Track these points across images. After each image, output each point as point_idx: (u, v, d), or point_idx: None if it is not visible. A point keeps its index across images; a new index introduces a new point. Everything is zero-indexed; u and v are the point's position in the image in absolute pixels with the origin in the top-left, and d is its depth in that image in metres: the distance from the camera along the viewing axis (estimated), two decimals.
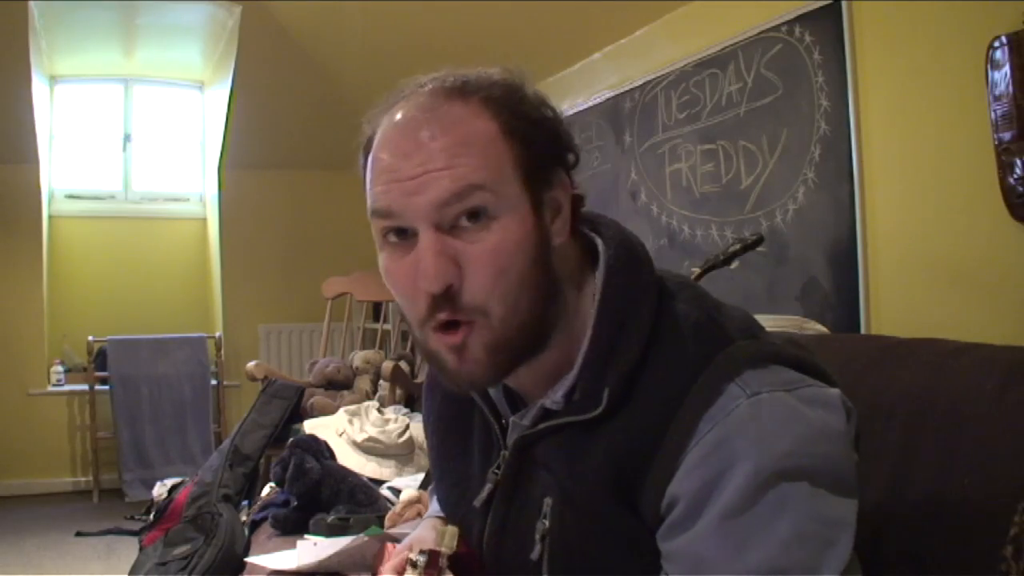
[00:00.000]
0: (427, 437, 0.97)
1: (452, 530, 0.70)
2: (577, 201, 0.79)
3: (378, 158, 0.75)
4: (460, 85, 0.75)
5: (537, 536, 0.76)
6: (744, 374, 0.69)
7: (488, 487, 0.82)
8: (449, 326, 0.72)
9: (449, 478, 0.90)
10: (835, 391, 0.72)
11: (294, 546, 1.64)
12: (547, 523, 0.75)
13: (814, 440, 0.67)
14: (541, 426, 0.77)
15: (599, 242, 0.80)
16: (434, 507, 1.03)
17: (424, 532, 0.91)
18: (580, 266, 0.79)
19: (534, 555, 0.76)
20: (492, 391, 0.84)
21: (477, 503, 0.82)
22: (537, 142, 0.75)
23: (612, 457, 0.71)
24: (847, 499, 0.67)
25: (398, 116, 0.75)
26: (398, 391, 2.97)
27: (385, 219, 0.75)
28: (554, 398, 0.77)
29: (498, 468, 0.81)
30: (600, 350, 0.74)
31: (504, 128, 0.73)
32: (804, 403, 0.69)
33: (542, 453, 0.78)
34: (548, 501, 0.76)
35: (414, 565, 0.72)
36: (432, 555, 0.70)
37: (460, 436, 0.89)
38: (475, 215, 0.71)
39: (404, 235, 0.74)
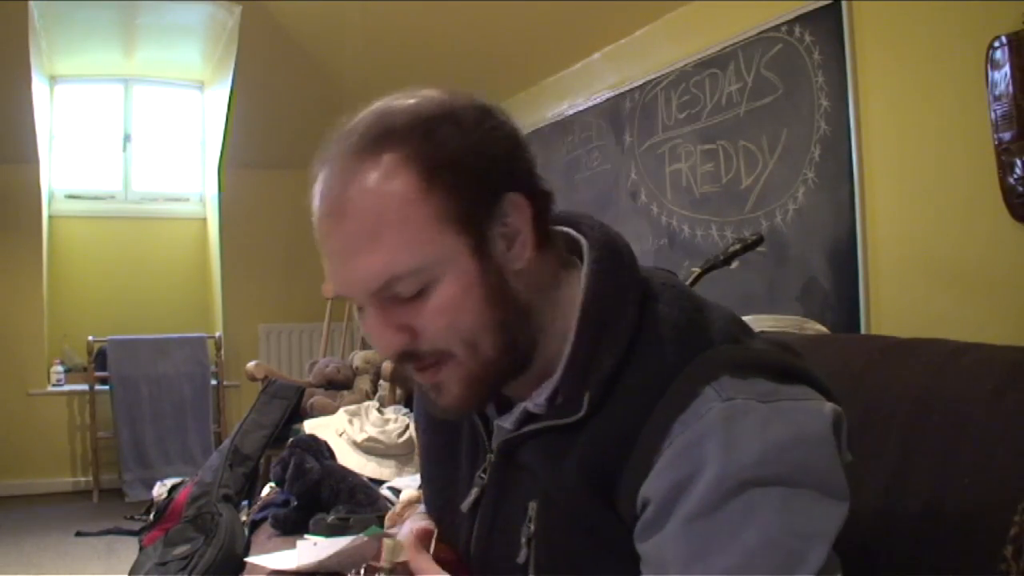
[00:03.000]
0: (418, 437, 0.97)
1: (392, 543, 0.70)
2: (542, 203, 0.75)
3: (316, 237, 0.75)
4: (372, 140, 0.70)
5: (523, 539, 0.75)
6: (721, 379, 0.68)
7: (475, 491, 0.81)
8: (420, 369, 0.73)
9: (436, 482, 0.90)
10: (815, 403, 0.70)
11: (294, 546, 1.64)
12: (532, 527, 0.75)
13: (788, 447, 0.65)
14: (524, 429, 0.77)
15: (584, 242, 0.78)
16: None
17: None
18: (558, 270, 0.77)
19: (520, 558, 0.75)
20: None
21: (464, 507, 0.82)
22: (466, 182, 0.70)
23: (589, 460, 0.71)
24: (827, 507, 0.66)
25: (318, 183, 0.73)
26: (398, 391, 2.97)
27: (346, 298, 0.77)
28: (537, 401, 0.76)
29: (484, 472, 0.81)
30: (581, 355, 0.73)
31: (423, 183, 0.69)
32: (778, 413, 0.67)
33: (526, 456, 0.77)
34: (533, 505, 0.75)
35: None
36: (368, 570, 0.69)
37: (448, 440, 0.88)
38: (415, 294, 0.70)
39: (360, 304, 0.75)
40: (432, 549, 0.78)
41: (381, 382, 3.06)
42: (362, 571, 0.73)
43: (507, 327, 0.73)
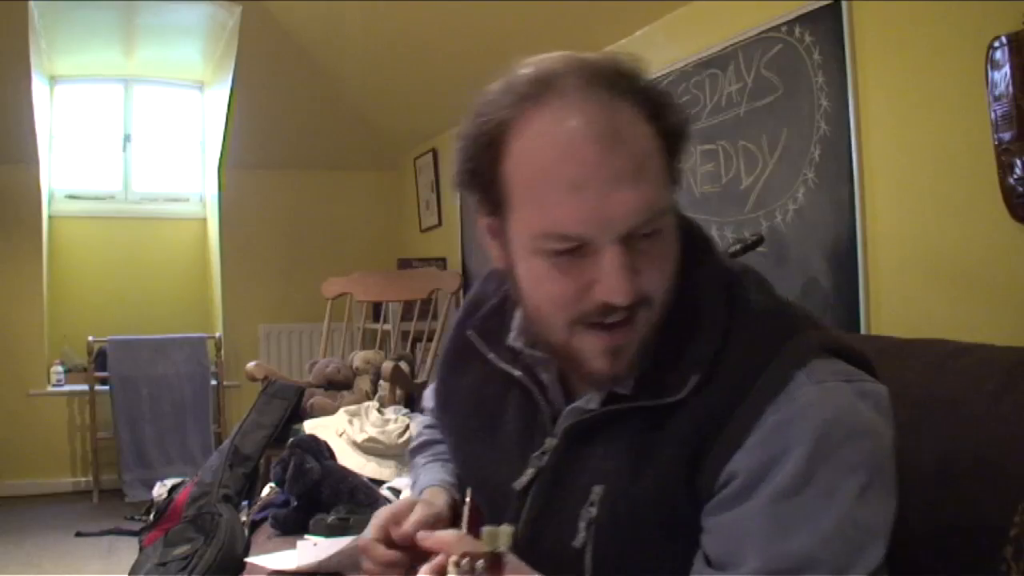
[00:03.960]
0: (446, 414, 0.96)
1: (508, 530, 0.68)
2: None
3: (549, 168, 0.70)
4: (615, 79, 0.72)
5: (582, 523, 0.76)
6: (811, 363, 0.72)
7: (530, 472, 0.81)
8: (614, 326, 0.73)
9: (470, 461, 0.90)
10: (882, 386, 0.74)
11: (294, 546, 1.64)
12: (594, 511, 0.75)
13: (868, 434, 0.70)
14: (609, 408, 0.77)
15: None
16: (432, 476, 1.00)
17: (439, 505, 0.90)
18: None
19: (577, 542, 0.76)
20: (546, 376, 0.84)
21: (517, 487, 0.82)
22: (676, 141, 0.75)
23: (687, 440, 0.73)
24: (889, 503, 0.70)
25: (562, 115, 0.70)
26: (398, 391, 2.97)
27: (564, 241, 0.71)
28: (626, 382, 0.77)
29: (543, 454, 0.81)
30: (680, 336, 0.75)
31: (659, 132, 0.73)
32: (860, 397, 0.71)
33: (600, 440, 0.78)
34: (597, 489, 0.76)
35: (471, 568, 0.68)
36: (495, 557, 0.65)
37: (489, 421, 0.88)
38: (653, 233, 0.72)
39: (574, 248, 0.71)
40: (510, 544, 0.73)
41: (381, 382, 3.06)
42: (481, 563, 0.68)
43: (672, 289, 0.76)
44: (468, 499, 0.89)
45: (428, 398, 1.11)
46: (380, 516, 0.84)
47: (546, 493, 0.80)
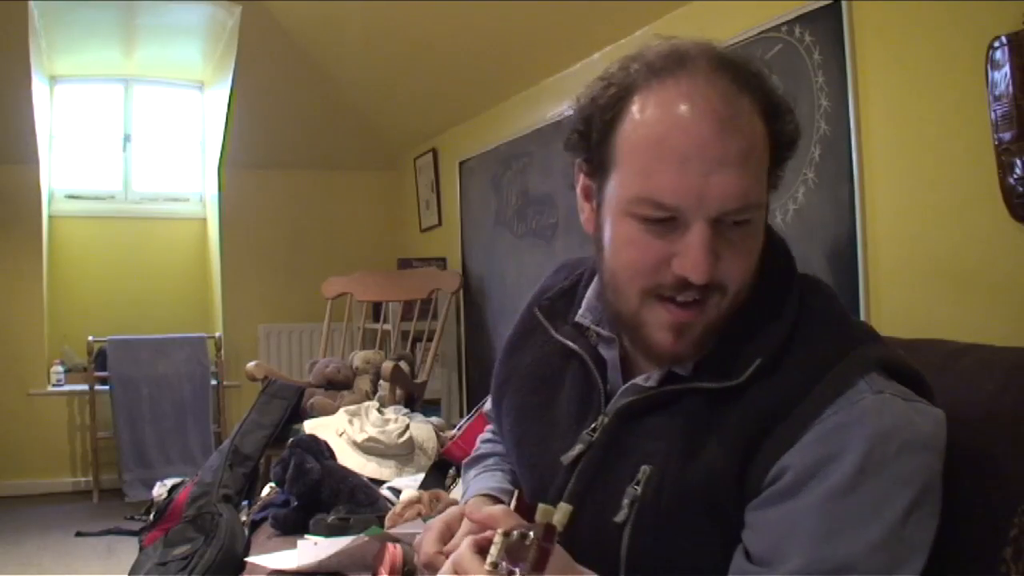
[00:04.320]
0: (504, 396, 0.97)
1: (567, 508, 0.65)
2: None
3: (663, 137, 0.72)
4: (743, 72, 0.74)
5: (626, 500, 0.77)
6: (872, 375, 0.73)
7: (579, 447, 0.82)
8: (685, 304, 0.74)
9: (532, 438, 0.91)
10: (941, 413, 0.75)
11: (294, 546, 1.64)
12: (639, 489, 0.76)
13: (922, 449, 0.71)
14: (667, 387, 0.78)
15: None
16: (481, 484, 1.01)
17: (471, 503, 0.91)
18: None
19: (619, 518, 0.77)
20: (608, 354, 0.85)
21: (565, 460, 0.83)
22: (785, 149, 0.77)
23: (743, 428, 0.73)
24: (932, 522, 0.70)
25: (688, 92, 0.72)
26: (398, 391, 2.97)
27: (657, 209, 0.73)
28: (686, 364, 0.78)
29: (593, 431, 0.82)
30: (748, 325, 0.77)
31: (769, 133, 0.75)
32: (919, 414, 0.72)
33: (653, 421, 0.79)
34: (645, 469, 0.77)
35: (522, 537, 0.64)
36: (548, 529, 0.62)
37: (547, 397, 0.90)
38: (743, 223, 0.73)
39: (665, 219, 0.73)
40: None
41: (381, 382, 3.06)
42: (533, 532, 0.64)
43: (749, 285, 0.77)
44: (516, 495, 0.90)
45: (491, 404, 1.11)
46: (434, 529, 0.86)
47: (594, 468, 0.81)
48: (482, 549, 0.71)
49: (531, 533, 0.63)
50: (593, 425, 0.83)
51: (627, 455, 0.79)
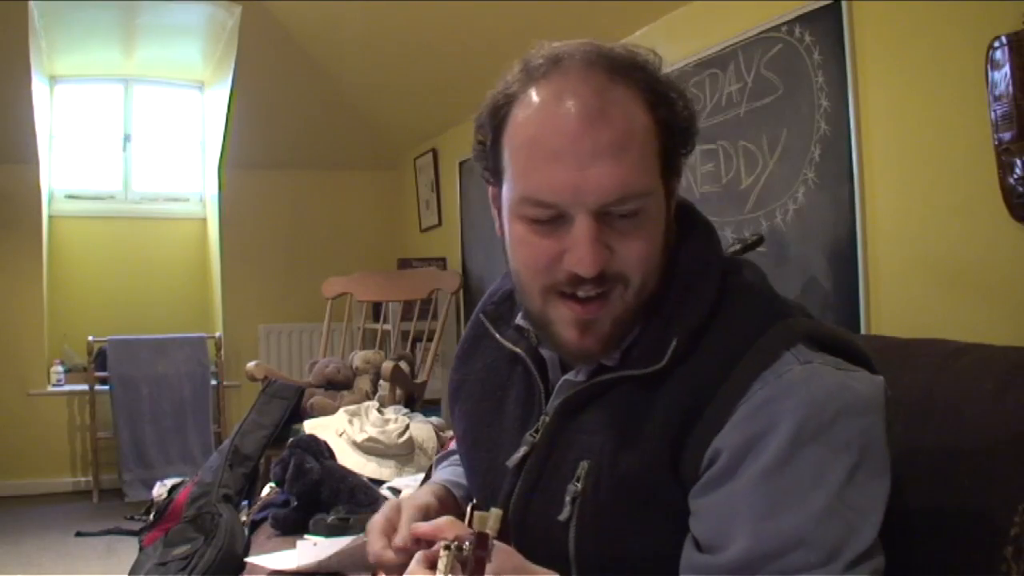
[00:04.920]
0: (457, 403, 0.97)
1: (497, 513, 0.67)
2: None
3: (536, 137, 0.73)
4: (618, 64, 0.74)
5: (568, 498, 0.77)
6: (798, 346, 0.72)
7: (523, 449, 0.83)
8: (587, 300, 0.74)
9: (484, 444, 0.91)
10: (879, 378, 0.74)
11: (294, 546, 1.64)
12: (579, 485, 0.76)
13: (859, 413, 0.69)
14: (596, 380, 0.78)
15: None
16: (439, 475, 1.02)
17: (425, 497, 0.92)
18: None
19: (562, 516, 0.77)
20: (547, 354, 0.86)
21: (510, 464, 0.83)
22: (677, 134, 0.77)
23: (670, 412, 0.73)
24: (880, 483, 0.69)
25: (558, 90, 0.73)
26: (398, 391, 2.97)
27: (540, 208, 0.74)
28: (612, 354, 0.78)
29: (536, 432, 0.82)
30: (667, 309, 0.77)
31: (656, 120, 0.74)
32: (851, 379, 0.71)
33: (588, 415, 0.79)
34: (583, 464, 0.77)
35: (459, 549, 0.67)
36: (480, 537, 0.65)
37: (496, 402, 0.90)
38: (630, 213, 0.73)
39: (552, 217, 0.74)
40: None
41: (381, 382, 3.06)
42: (468, 542, 0.66)
43: (656, 273, 0.77)
44: (474, 499, 0.90)
45: None
46: (376, 526, 0.86)
47: (537, 469, 0.81)
48: (432, 564, 0.72)
49: (466, 544, 0.65)
50: (536, 426, 0.83)
51: (567, 452, 0.79)
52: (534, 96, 0.74)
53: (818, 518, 0.65)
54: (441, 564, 0.66)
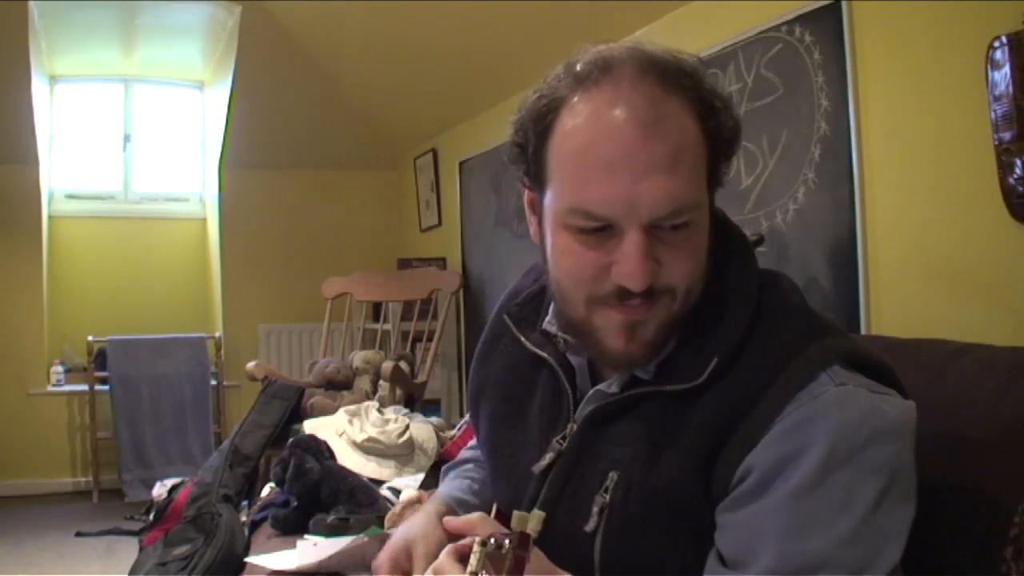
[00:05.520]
0: (479, 406, 0.97)
1: (539, 514, 0.67)
2: None
3: (588, 147, 0.72)
4: (671, 73, 0.73)
5: (595, 508, 0.77)
6: (834, 366, 0.72)
7: (549, 456, 0.82)
8: (633, 307, 0.74)
9: (506, 448, 0.90)
10: (911, 403, 0.74)
11: (294, 546, 1.64)
12: (607, 497, 0.76)
13: (890, 438, 0.69)
14: (630, 392, 0.78)
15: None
16: (444, 489, 1.02)
17: (422, 527, 0.90)
18: None
19: (589, 527, 0.77)
20: (576, 360, 0.85)
21: (536, 470, 0.83)
22: (724, 146, 0.77)
23: (706, 429, 0.73)
24: (906, 509, 0.69)
25: (612, 99, 0.71)
26: (398, 391, 2.97)
27: (590, 220, 0.72)
28: (647, 367, 0.78)
29: (563, 439, 0.82)
30: (705, 325, 0.76)
31: (705, 131, 0.74)
32: (885, 404, 0.71)
33: (619, 426, 0.78)
34: (612, 475, 0.77)
35: (499, 547, 0.65)
36: (523, 537, 0.63)
37: (520, 406, 0.90)
38: (680, 226, 0.72)
39: (600, 227, 0.73)
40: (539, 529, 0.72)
41: (381, 382, 3.06)
42: (509, 540, 0.65)
43: (700, 283, 0.77)
44: (495, 507, 0.90)
45: None
46: (384, 567, 0.86)
47: (564, 477, 0.81)
48: (462, 557, 0.71)
49: (507, 541, 0.64)
50: (563, 433, 0.82)
51: (595, 462, 0.79)
52: (586, 103, 0.72)
53: (844, 541, 0.65)
54: (473, 560, 0.65)
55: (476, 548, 0.66)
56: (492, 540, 0.65)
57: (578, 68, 0.74)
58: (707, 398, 0.73)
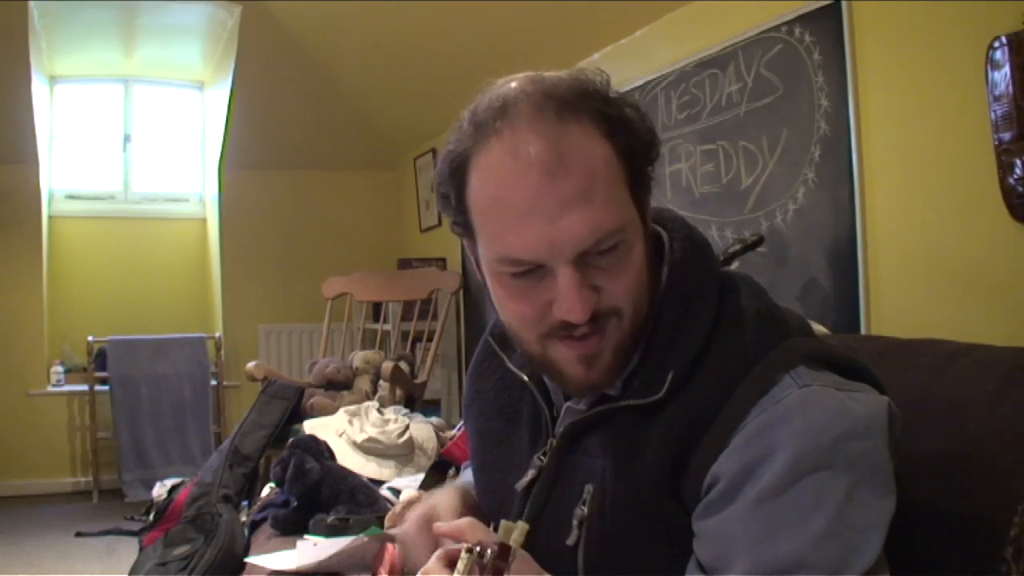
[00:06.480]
0: (469, 422, 0.98)
1: (523, 526, 0.68)
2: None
3: (499, 199, 0.72)
4: (566, 101, 0.72)
5: (575, 522, 0.77)
6: (798, 368, 0.71)
7: (531, 472, 0.83)
8: (583, 336, 0.73)
9: (495, 464, 0.91)
10: (883, 398, 0.73)
11: (294, 546, 1.63)
12: (585, 509, 0.77)
13: (859, 436, 0.68)
14: (597, 409, 0.78)
15: (663, 234, 0.81)
16: (461, 480, 1.04)
17: (446, 499, 0.94)
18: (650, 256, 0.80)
19: (570, 540, 0.77)
20: (548, 381, 0.85)
21: (519, 487, 0.84)
22: (638, 152, 0.75)
23: (668, 441, 0.73)
24: (882, 502, 0.69)
25: (511, 146, 0.71)
26: (398, 391, 2.97)
27: (517, 266, 0.73)
28: (615, 383, 0.78)
29: (544, 455, 0.83)
30: (664, 337, 0.76)
31: (616, 148, 0.73)
32: (852, 401, 0.70)
33: (593, 440, 0.79)
34: (588, 488, 0.77)
35: (481, 555, 0.67)
36: (502, 548, 0.65)
37: (507, 424, 0.91)
38: (609, 249, 0.72)
39: (532, 270, 0.73)
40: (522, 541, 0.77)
41: (381, 382, 3.06)
42: (491, 551, 0.68)
43: (647, 295, 0.76)
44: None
45: None
46: (416, 519, 0.92)
47: (545, 492, 0.82)
48: (451, 561, 0.72)
49: (488, 551, 0.66)
50: (543, 450, 0.83)
51: (573, 475, 0.79)
52: (487, 155, 0.72)
53: (817, 540, 0.65)
54: (460, 565, 0.67)
55: (463, 555, 0.68)
56: (478, 548, 0.67)
57: (478, 116, 0.74)
58: (669, 410, 0.73)
